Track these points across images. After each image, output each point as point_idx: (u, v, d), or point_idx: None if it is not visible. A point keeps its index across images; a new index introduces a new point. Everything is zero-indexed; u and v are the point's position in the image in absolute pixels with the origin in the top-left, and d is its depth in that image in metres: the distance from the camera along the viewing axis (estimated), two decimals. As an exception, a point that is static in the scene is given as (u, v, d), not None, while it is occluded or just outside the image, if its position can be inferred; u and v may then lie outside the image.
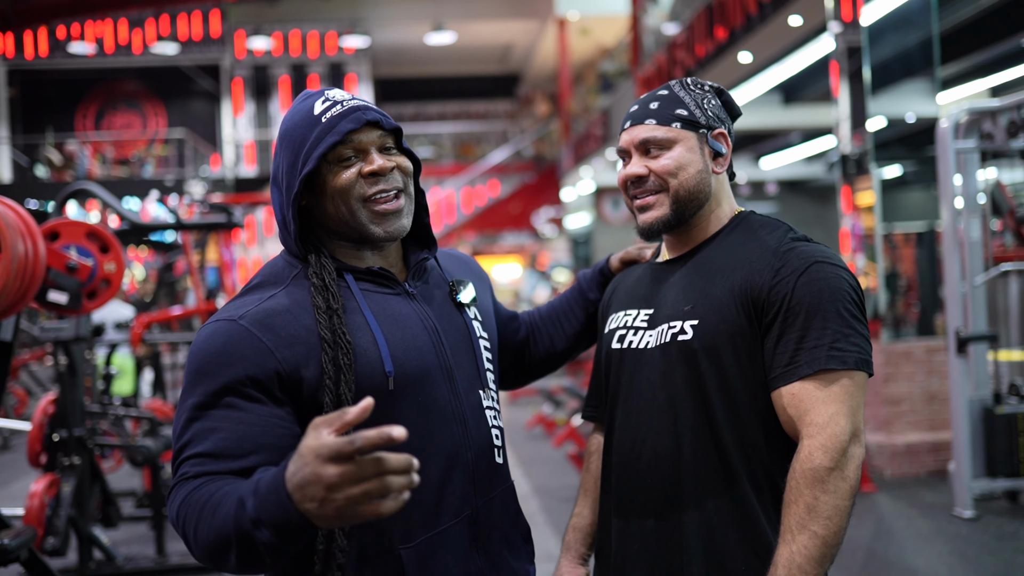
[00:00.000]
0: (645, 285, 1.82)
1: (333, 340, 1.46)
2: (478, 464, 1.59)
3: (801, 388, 1.56)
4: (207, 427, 1.41)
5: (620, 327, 1.80)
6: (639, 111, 1.76)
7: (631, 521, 1.71)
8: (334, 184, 1.53)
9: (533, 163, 23.41)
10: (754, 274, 1.63)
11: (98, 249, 4.14)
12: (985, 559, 4.75)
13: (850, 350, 1.56)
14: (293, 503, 1.23)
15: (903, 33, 7.07)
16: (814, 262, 1.61)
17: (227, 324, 1.47)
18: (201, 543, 1.33)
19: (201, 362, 1.44)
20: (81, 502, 4.57)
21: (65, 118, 21.64)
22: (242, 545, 1.29)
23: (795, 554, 1.49)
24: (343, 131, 1.52)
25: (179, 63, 21.61)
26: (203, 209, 7.85)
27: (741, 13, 8.92)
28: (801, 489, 1.51)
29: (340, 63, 22.36)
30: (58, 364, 4.61)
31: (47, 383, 10.70)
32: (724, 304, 1.64)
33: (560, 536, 5.46)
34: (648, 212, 1.74)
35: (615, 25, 19.49)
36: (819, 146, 14.93)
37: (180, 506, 1.36)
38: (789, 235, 1.69)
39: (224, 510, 1.30)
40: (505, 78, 26.36)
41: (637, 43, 14.66)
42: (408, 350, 1.53)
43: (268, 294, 1.52)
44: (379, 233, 1.56)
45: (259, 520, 1.26)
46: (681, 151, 1.71)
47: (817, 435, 1.53)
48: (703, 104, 1.75)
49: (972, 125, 5.69)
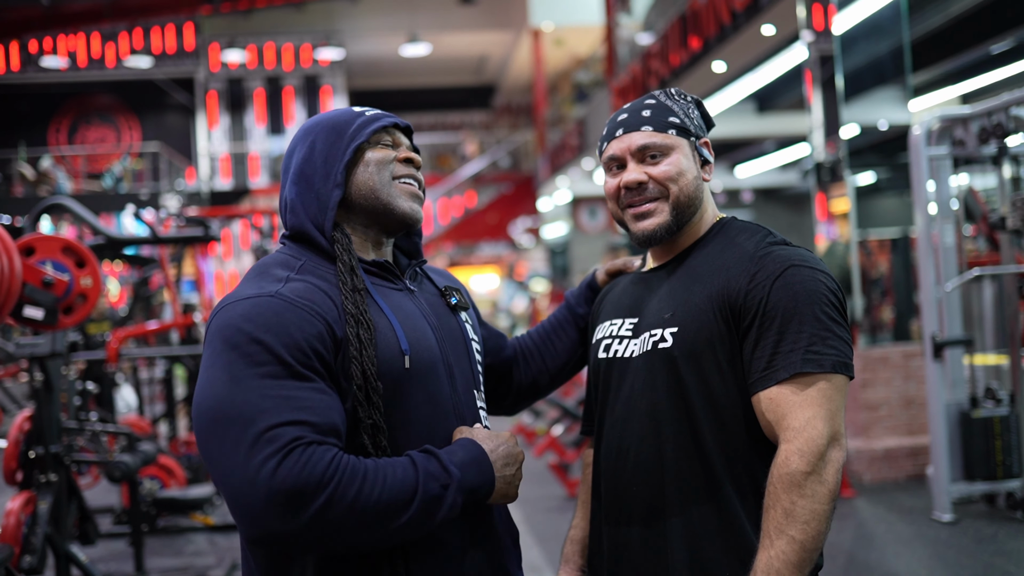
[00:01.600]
0: (630, 294, 1.83)
1: (359, 317, 1.49)
2: None
3: (778, 392, 1.56)
4: (287, 395, 1.37)
5: (606, 336, 1.81)
6: (631, 119, 1.75)
7: (619, 529, 1.72)
8: (374, 156, 1.63)
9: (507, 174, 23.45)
10: (731, 280, 1.64)
11: (74, 264, 4.11)
12: (964, 562, 4.79)
13: (827, 353, 1.56)
14: (493, 472, 1.51)
15: (875, 41, 7.15)
16: (790, 265, 1.61)
17: (268, 299, 1.45)
18: (367, 503, 1.36)
19: (255, 333, 1.40)
20: (58, 519, 4.52)
21: (38, 132, 21.49)
22: (426, 506, 1.41)
23: (773, 559, 1.49)
24: (388, 122, 1.66)
25: (153, 76, 21.52)
26: (179, 223, 7.80)
27: (714, 23, 8.99)
28: (778, 494, 1.51)
29: (315, 75, 22.34)
30: (34, 380, 4.56)
31: (21, 400, 10.58)
32: (703, 311, 1.64)
33: (543, 547, 5.46)
34: (648, 220, 1.74)
35: (589, 36, 19.58)
36: (793, 154, 15.05)
37: (327, 468, 1.33)
38: (767, 239, 1.69)
39: (399, 476, 1.40)
40: (480, 89, 26.41)
41: (611, 53, 14.74)
42: (419, 340, 1.57)
43: (284, 275, 1.52)
44: (405, 208, 1.64)
45: (461, 484, 1.46)
46: (679, 157, 1.72)
47: (794, 439, 1.53)
48: (689, 113, 1.77)
49: (944, 132, 5.75)
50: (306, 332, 1.42)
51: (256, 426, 1.34)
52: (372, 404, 1.47)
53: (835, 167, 7.18)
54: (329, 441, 1.37)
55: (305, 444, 1.34)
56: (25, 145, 19.14)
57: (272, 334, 1.40)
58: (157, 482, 5.45)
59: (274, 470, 1.31)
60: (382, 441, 1.48)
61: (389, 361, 1.50)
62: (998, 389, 5.69)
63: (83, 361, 6.36)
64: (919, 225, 5.74)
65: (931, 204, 5.70)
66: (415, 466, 1.43)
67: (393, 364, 1.51)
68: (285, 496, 1.31)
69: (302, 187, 1.61)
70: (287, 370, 1.38)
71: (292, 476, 1.31)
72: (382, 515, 1.37)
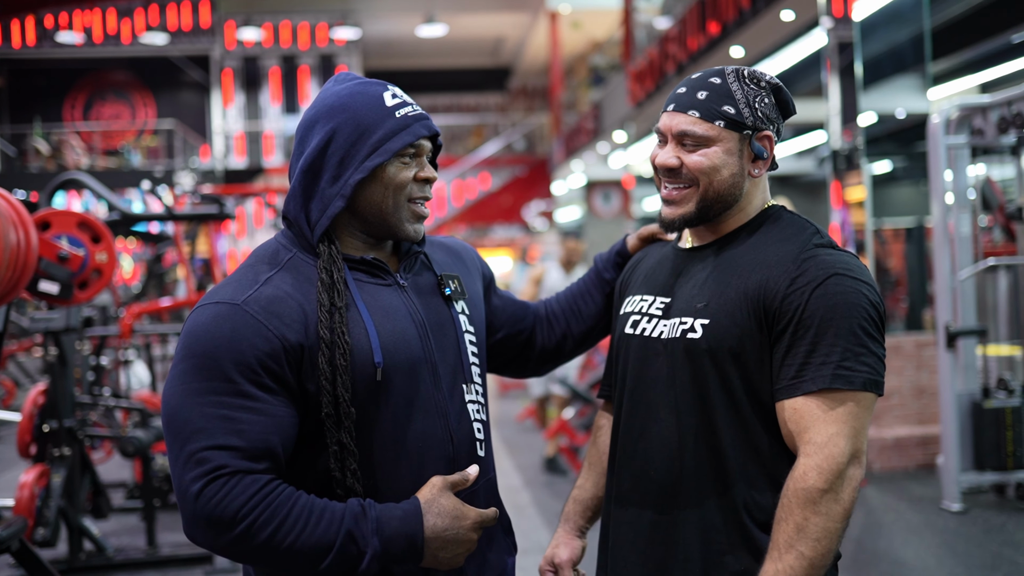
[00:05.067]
0: (666, 271, 1.77)
1: (331, 340, 1.48)
2: (459, 457, 1.61)
3: (803, 404, 1.53)
4: (226, 416, 1.42)
5: (635, 312, 1.76)
6: (686, 96, 1.66)
7: (628, 509, 1.70)
8: (395, 177, 1.57)
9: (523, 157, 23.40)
10: (770, 280, 1.58)
11: (89, 239, 4.13)
12: (973, 552, 4.79)
13: (859, 370, 1.51)
14: (423, 553, 1.47)
15: (895, 29, 7.09)
16: (833, 274, 1.55)
17: (229, 308, 1.47)
18: (281, 545, 1.40)
19: (209, 345, 1.44)
20: (71, 493, 4.56)
21: (53, 108, 21.52)
22: (340, 563, 1.42)
23: (780, 572, 1.48)
24: (418, 135, 1.57)
25: (168, 53, 21.51)
26: (194, 200, 7.82)
27: (734, 8, 8.93)
28: (792, 508, 1.49)
29: (331, 55, 22.30)
30: (48, 355, 4.59)
31: (35, 374, 10.66)
32: (736, 307, 1.59)
33: (551, 528, 5.48)
34: (672, 207, 1.69)
35: (607, 19, 19.48)
36: (810, 141, 14.97)
37: (247, 502, 1.39)
38: (813, 240, 1.63)
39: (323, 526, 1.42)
40: (496, 71, 26.31)
41: (629, 37, 14.66)
42: (397, 343, 1.55)
43: (264, 276, 1.53)
44: (411, 232, 1.62)
45: (382, 557, 1.44)
46: (718, 151, 1.64)
47: (814, 455, 1.50)
48: (754, 102, 1.66)
49: (963, 121, 5.71)
50: (258, 349, 1.44)
51: (190, 445, 1.40)
52: (343, 428, 1.49)
53: (851, 155, 7.13)
54: (257, 468, 1.41)
55: (229, 474, 1.39)
56: (40, 120, 19.20)
57: (224, 349, 1.43)
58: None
59: (197, 494, 1.39)
60: (351, 464, 1.49)
61: (361, 375, 1.51)
62: (1011, 380, 5.67)
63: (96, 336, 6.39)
64: (935, 214, 5.71)
65: (948, 193, 5.66)
66: (340, 523, 1.42)
67: (365, 377, 1.51)
68: (205, 520, 1.39)
69: (308, 180, 1.56)
70: (233, 387, 1.42)
71: (210, 506, 1.38)
72: (294, 561, 1.41)
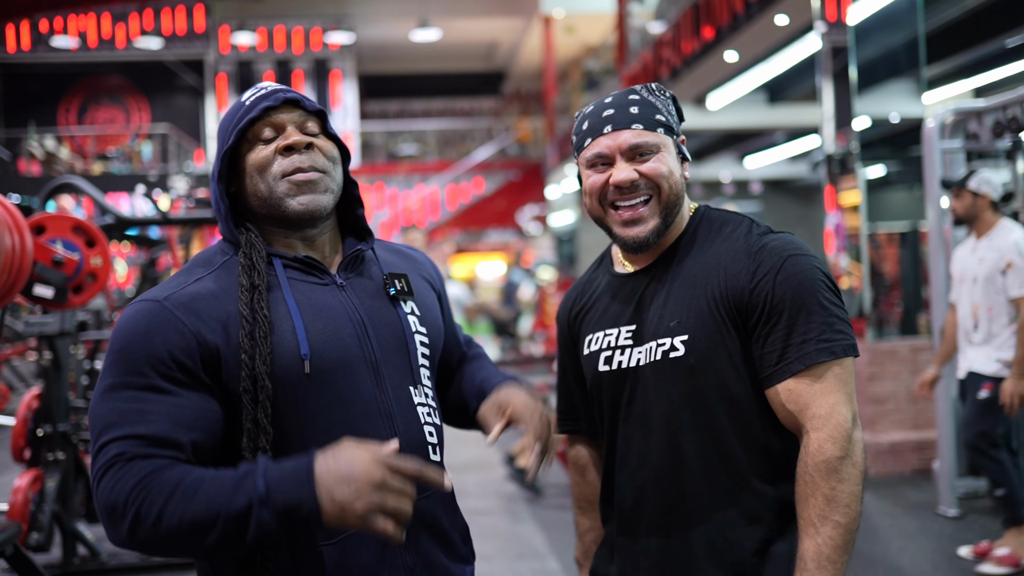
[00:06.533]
0: (619, 301, 1.79)
1: (252, 316, 1.47)
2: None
3: (796, 384, 1.59)
4: (135, 408, 1.40)
5: (604, 348, 1.77)
6: (620, 115, 1.70)
7: (637, 540, 1.72)
8: (252, 160, 1.56)
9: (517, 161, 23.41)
10: (730, 279, 1.64)
11: (84, 243, 4.12)
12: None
13: (836, 339, 1.59)
14: (316, 491, 1.30)
15: (889, 33, 7.10)
16: (788, 256, 1.63)
17: (151, 305, 1.47)
18: (162, 528, 1.32)
19: (125, 342, 1.45)
20: (65, 497, 4.55)
21: (48, 112, 21.48)
22: (228, 530, 1.31)
23: (822, 546, 1.52)
24: (261, 108, 1.56)
25: (163, 58, 21.48)
26: (189, 204, 7.80)
27: (728, 12, 8.94)
28: (817, 482, 1.54)
29: (325, 59, 22.29)
30: (42, 359, 4.57)
31: (29, 378, 10.62)
32: (709, 314, 1.65)
33: (547, 534, 5.47)
34: (639, 225, 1.70)
35: (601, 23, 19.50)
36: (804, 145, 15.01)
37: (135, 486, 1.34)
38: (754, 230, 1.70)
39: (209, 491, 1.32)
40: (490, 75, 26.32)
41: (623, 41, 14.68)
42: (328, 340, 1.52)
43: (195, 277, 1.53)
44: (295, 206, 1.55)
45: (265, 500, 1.30)
46: (666, 156, 1.70)
47: (823, 427, 1.56)
48: (668, 110, 1.74)
49: (958, 125, 5.72)
50: (171, 344, 1.43)
51: (99, 439, 1.39)
52: (258, 403, 1.45)
53: (845, 159, 7.14)
54: (160, 453, 1.37)
55: (124, 460, 1.36)
56: (35, 125, 19.16)
57: (138, 344, 1.43)
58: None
59: (97, 485, 1.37)
60: (263, 442, 1.45)
61: (286, 366, 1.47)
62: (1006, 384, 5.66)
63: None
64: (931, 219, 5.71)
65: (943, 198, 5.67)
66: (227, 482, 1.33)
67: (291, 369, 1.47)
68: (105, 511, 1.36)
69: (212, 188, 1.61)
70: (143, 381, 1.41)
71: (105, 494, 1.36)
72: (189, 534, 1.33)
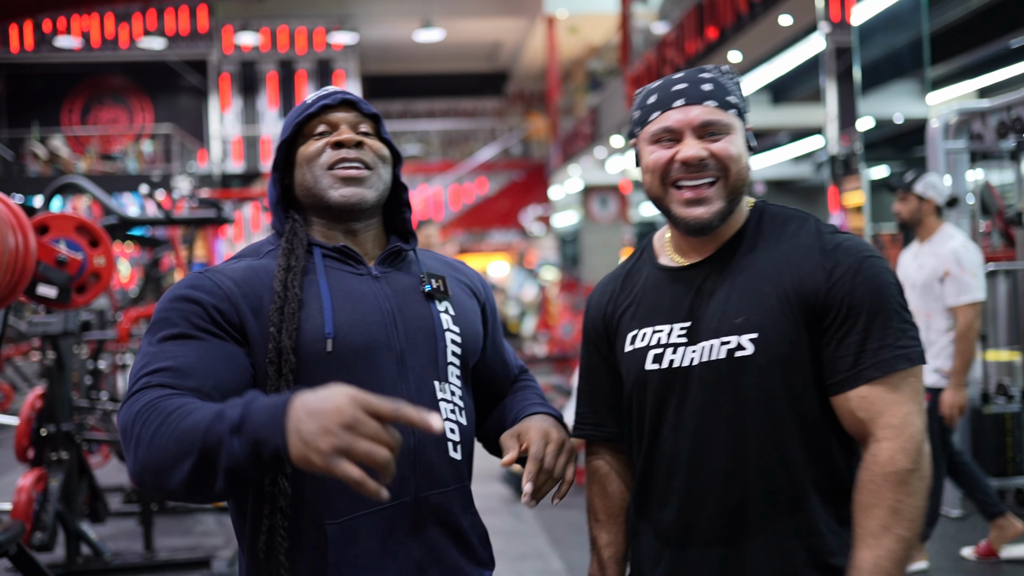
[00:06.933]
0: (670, 296, 1.68)
1: (283, 293, 1.54)
2: (424, 453, 1.57)
3: (870, 391, 1.53)
4: (168, 351, 1.46)
5: (653, 345, 1.66)
6: (692, 89, 1.62)
7: (689, 551, 1.63)
8: (303, 152, 1.65)
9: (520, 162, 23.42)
10: (804, 277, 1.57)
11: (87, 243, 4.12)
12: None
13: (912, 346, 1.54)
14: (286, 423, 1.23)
15: (893, 33, 7.10)
16: (865, 257, 1.57)
17: (195, 275, 1.58)
18: (153, 449, 1.31)
19: (166, 303, 1.53)
20: (69, 497, 4.55)
21: (51, 113, 21.49)
22: (203, 457, 1.28)
23: (881, 558, 1.48)
24: (318, 105, 1.66)
25: (166, 58, 21.48)
26: (192, 204, 7.81)
27: (732, 12, 8.94)
28: (884, 492, 1.50)
29: (328, 59, 22.29)
30: (46, 359, 4.58)
31: (33, 378, 10.63)
32: (780, 312, 1.57)
33: (550, 535, 5.46)
34: (703, 206, 1.61)
35: (604, 24, 19.50)
36: (807, 146, 14.99)
37: (140, 409, 1.36)
38: (823, 228, 1.64)
39: (195, 418, 1.30)
40: (493, 76, 26.33)
41: (626, 42, 14.68)
42: (354, 324, 1.57)
43: (243, 263, 1.63)
44: (336, 197, 1.62)
45: (239, 428, 1.26)
46: (735, 139, 1.63)
47: (895, 437, 1.51)
48: (740, 95, 1.67)
49: (962, 126, 5.72)
50: (206, 300, 1.51)
51: (133, 378, 1.45)
52: (281, 376, 1.50)
53: (849, 160, 7.14)
54: (181, 384, 1.40)
55: (144, 388, 1.40)
56: (38, 125, 19.18)
57: (177, 304, 1.51)
58: (167, 462, 5.47)
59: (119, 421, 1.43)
60: None
61: (310, 343, 1.53)
62: (1010, 385, 5.66)
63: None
64: (934, 219, 5.69)
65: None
66: (213, 409, 1.31)
67: (314, 346, 1.53)
68: (121, 435, 1.40)
69: (269, 180, 1.72)
70: (177, 331, 1.48)
71: (121, 417, 1.41)
72: (172, 460, 1.30)
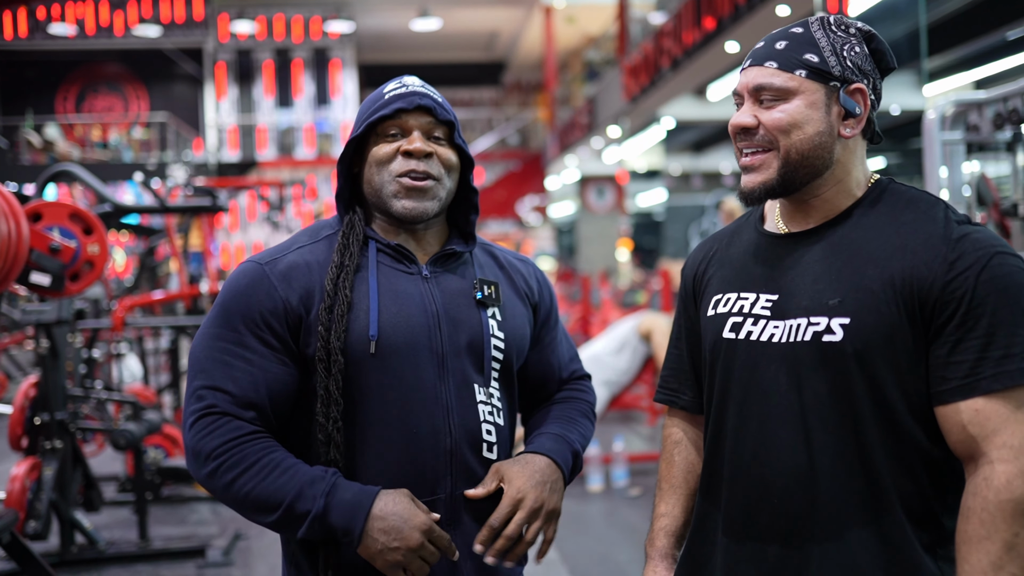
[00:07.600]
0: (762, 263, 1.55)
1: (334, 292, 1.59)
2: (460, 452, 1.61)
3: (986, 404, 1.35)
4: (226, 361, 1.56)
5: (734, 312, 1.55)
6: (763, 49, 1.49)
7: (745, 544, 1.50)
8: (375, 153, 1.65)
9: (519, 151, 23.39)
10: (920, 266, 1.39)
11: (81, 231, 4.10)
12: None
13: None
14: (366, 527, 1.48)
15: (890, 24, 7.08)
16: (995, 253, 1.37)
17: (254, 267, 1.63)
18: (238, 492, 1.51)
19: (227, 296, 1.62)
20: (63, 486, 4.54)
21: (45, 100, 21.42)
22: (282, 522, 1.51)
23: None
24: (394, 108, 1.64)
25: (161, 46, 21.42)
26: (187, 193, 7.79)
27: (729, 2, 8.91)
28: (997, 523, 1.31)
29: (324, 48, 22.24)
30: (39, 347, 4.56)
31: (26, 367, 10.61)
32: (881, 300, 1.40)
33: (567, 529, 5.45)
34: (751, 174, 1.50)
35: (601, 14, 19.46)
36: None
37: (220, 446, 1.51)
38: (952, 216, 1.44)
39: (279, 482, 1.50)
40: (491, 65, 26.27)
41: (623, 32, 14.65)
42: (397, 324, 1.60)
43: (297, 245, 1.68)
44: (399, 208, 1.64)
45: (322, 518, 1.49)
46: (799, 105, 1.45)
47: (1014, 460, 1.33)
48: (842, 51, 1.47)
49: (958, 117, 5.69)
50: (264, 307, 1.59)
51: (195, 382, 1.57)
52: (330, 375, 1.56)
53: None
54: (243, 415, 1.54)
55: (217, 413, 1.54)
56: (32, 113, 19.11)
57: (237, 302, 1.60)
58: (161, 451, 5.46)
59: (190, 427, 1.55)
60: (333, 412, 1.56)
61: (355, 343, 1.58)
62: None
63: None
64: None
65: (943, 190, 5.64)
66: (299, 481, 1.51)
67: (359, 346, 1.58)
68: (191, 452, 1.55)
69: (340, 166, 1.71)
70: (237, 336, 1.58)
71: (195, 439, 1.54)
72: (250, 507, 1.53)
